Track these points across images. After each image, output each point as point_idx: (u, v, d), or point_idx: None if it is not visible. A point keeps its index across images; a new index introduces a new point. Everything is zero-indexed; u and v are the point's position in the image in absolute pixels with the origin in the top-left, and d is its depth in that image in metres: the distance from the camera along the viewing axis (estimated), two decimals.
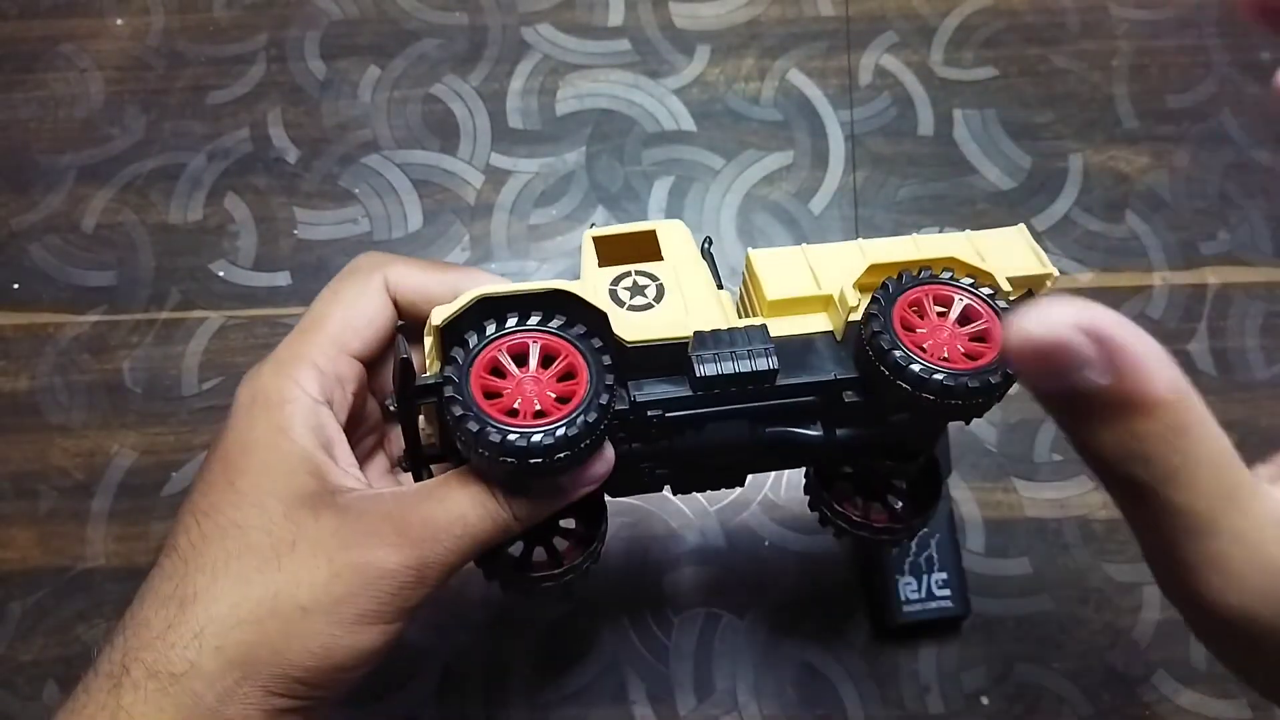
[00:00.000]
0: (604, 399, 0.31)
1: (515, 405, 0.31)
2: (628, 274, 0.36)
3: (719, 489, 0.39)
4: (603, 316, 0.33)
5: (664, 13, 0.63)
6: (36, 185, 0.59)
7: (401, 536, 0.32)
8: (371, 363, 0.38)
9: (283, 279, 0.58)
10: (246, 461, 0.33)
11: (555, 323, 0.32)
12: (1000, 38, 0.63)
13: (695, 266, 0.36)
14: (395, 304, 0.38)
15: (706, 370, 0.33)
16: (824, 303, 0.35)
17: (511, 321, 0.32)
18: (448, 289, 0.37)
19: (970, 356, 0.32)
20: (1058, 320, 0.22)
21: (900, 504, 0.41)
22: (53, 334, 0.57)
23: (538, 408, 0.31)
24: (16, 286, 0.58)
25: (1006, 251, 0.36)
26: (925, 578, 0.51)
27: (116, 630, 0.33)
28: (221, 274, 0.58)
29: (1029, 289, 0.36)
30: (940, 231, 0.58)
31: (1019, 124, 0.61)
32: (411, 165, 0.60)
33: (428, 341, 0.35)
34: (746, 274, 0.37)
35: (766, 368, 0.33)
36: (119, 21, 0.63)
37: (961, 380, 0.31)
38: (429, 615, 0.51)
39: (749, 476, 0.40)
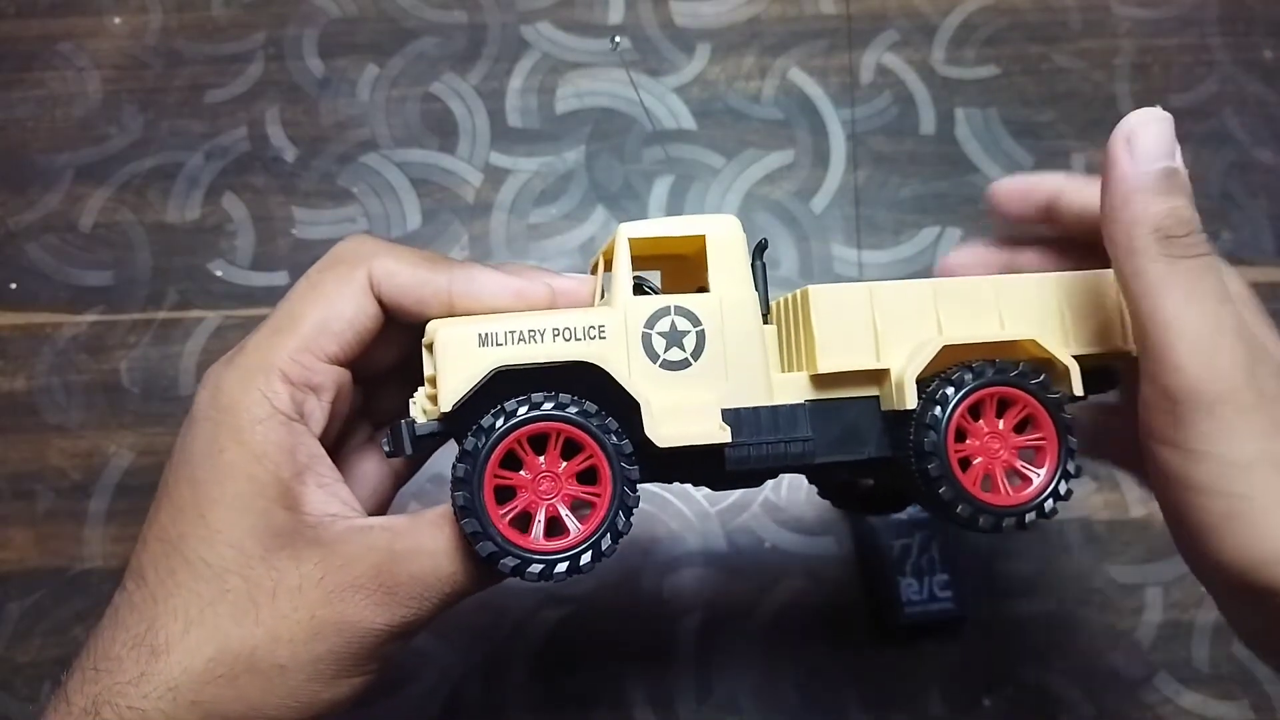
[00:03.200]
0: (621, 522, 0.30)
1: (527, 509, 0.30)
2: (666, 312, 0.32)
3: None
4: (636, 406, 0.30)
5: (664, 11, 0.63)
6: (34, 185, 0.59)
7: (389, 596, 0.31)
8: (355, 361, 0.35)
9: (280, 278, 0.58)
10: (218, 491, 0.31)
11: (581, 409, 0.30)
12: (1002, 36, 0.63)
13: (742, 295, 0.33)
14: (380, 302, 0.34)
15: (737, 464, 0.32)
16: (879, 374, 0.33)
17: (536, 398, 0.30)
18: (439, 291, 0.33)
19: (1014, 475, 0.32)
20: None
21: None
22: (50, 334, 0.56)
23: (550, 513, 0.30)
24: (14, 286, 0.57)
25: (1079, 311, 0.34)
26: (927, 579, 0.50)
27: (85, 654, 0.31)
28: (219, 273, 0.58)
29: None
30: (941, 231, 0.58)
31: (1021, 123, 0.61)
32: (410, 164, 0.60)
33: (427, 359, 0.33)
34: (800, 313, 0.33)
35: (800, 464, 0.32)
36: (117, 20, 0.62)
37: (1001, 521, 0.31)
38: None
39: None
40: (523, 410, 0.30)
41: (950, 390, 0.31)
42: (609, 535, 0.30)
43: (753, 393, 0.32)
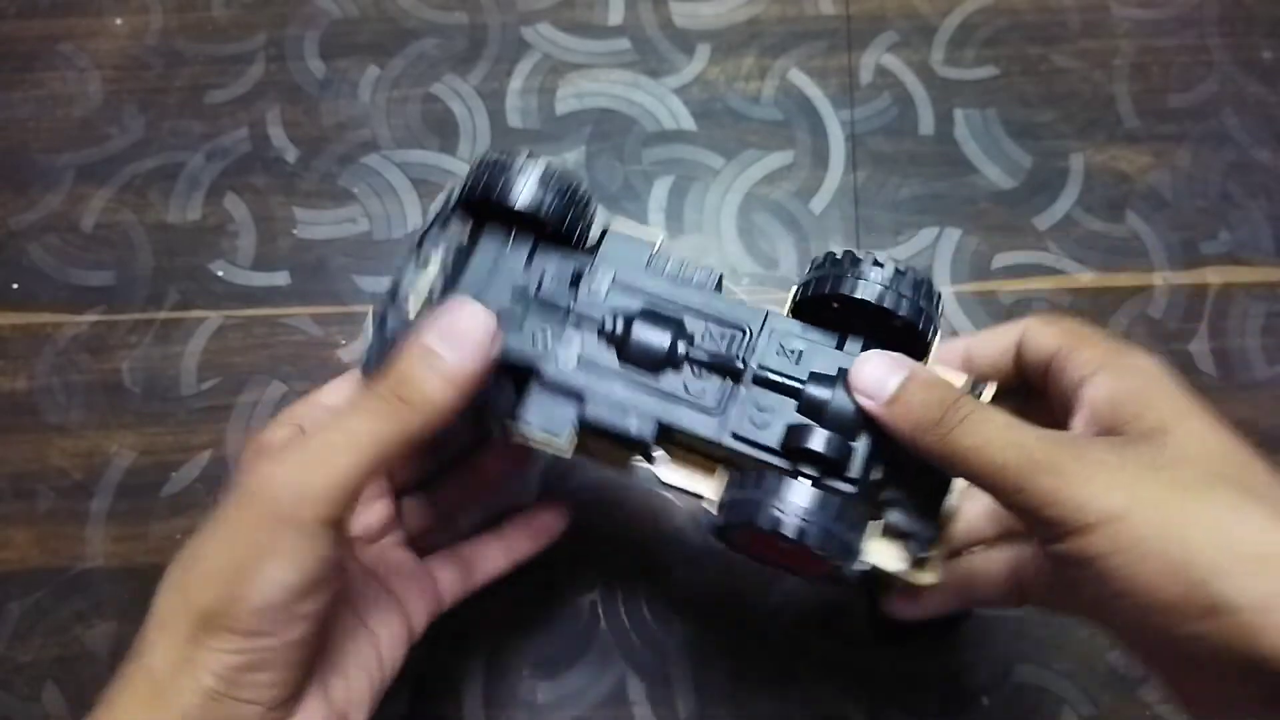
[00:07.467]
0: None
1: None
2: None
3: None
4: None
5: (664, 11, 0.63)
6: (35, 185, 0.59)
7: (276, 459, 0.32)
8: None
9: (281, 278, 0.58)
10: None
11: None
12: (1001, 37, 0.63)
13: None
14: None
15: None
16: None
17: None
18: None
19: None
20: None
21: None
22: (51, 334, 0.56)
23: None
24: (15, 286, 0.57)
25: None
26: None
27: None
28: (220, 273, 0.58)
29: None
30: (940, 232, 0.59)
31: (1020, 123, 0.61)
32: (410, 164, 0.60)
33: None
34: None
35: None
36: (118, 21, 0.62)
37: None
38: None
39: None
40: None
41: None
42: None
43: None
